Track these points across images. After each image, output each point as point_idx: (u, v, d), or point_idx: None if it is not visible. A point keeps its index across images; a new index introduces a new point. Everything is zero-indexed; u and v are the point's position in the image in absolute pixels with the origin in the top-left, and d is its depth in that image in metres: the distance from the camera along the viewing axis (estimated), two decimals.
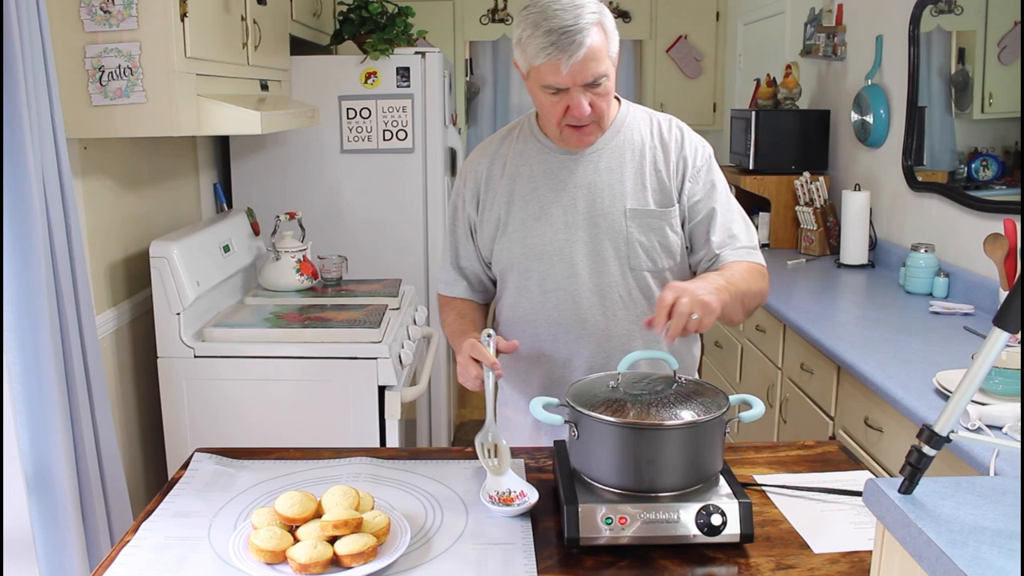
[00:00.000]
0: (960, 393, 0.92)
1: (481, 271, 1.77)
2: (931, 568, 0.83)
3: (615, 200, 1.63)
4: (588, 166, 1.64)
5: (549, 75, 1.49)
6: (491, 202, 1.69)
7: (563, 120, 1.56)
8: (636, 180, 1.63)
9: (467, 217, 1.73)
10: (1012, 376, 1.75)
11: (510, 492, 1.41)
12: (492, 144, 1.74)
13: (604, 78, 1.51)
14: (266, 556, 1.20)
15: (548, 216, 1.64)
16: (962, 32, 2.91)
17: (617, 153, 1.65)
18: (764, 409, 1.37)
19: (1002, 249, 2.38)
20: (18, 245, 1.77)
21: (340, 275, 2.93)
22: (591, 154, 1.65)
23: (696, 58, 5.50)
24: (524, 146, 1.69)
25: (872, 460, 2.09)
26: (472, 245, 1.75)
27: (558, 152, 1.66)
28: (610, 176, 1.64)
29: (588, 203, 1.63)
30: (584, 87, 1.51)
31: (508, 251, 1.68)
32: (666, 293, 1.38)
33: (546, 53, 1.46)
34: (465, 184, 1.73)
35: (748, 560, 1.24)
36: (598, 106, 1.55)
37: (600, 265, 1.63)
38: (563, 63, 1.46)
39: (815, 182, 3.59)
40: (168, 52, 2.10)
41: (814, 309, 2.68)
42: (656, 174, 1.64)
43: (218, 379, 2.37)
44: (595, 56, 1.48)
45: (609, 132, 1.65)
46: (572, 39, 1.45)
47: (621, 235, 1.62)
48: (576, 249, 1.63)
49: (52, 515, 1.87)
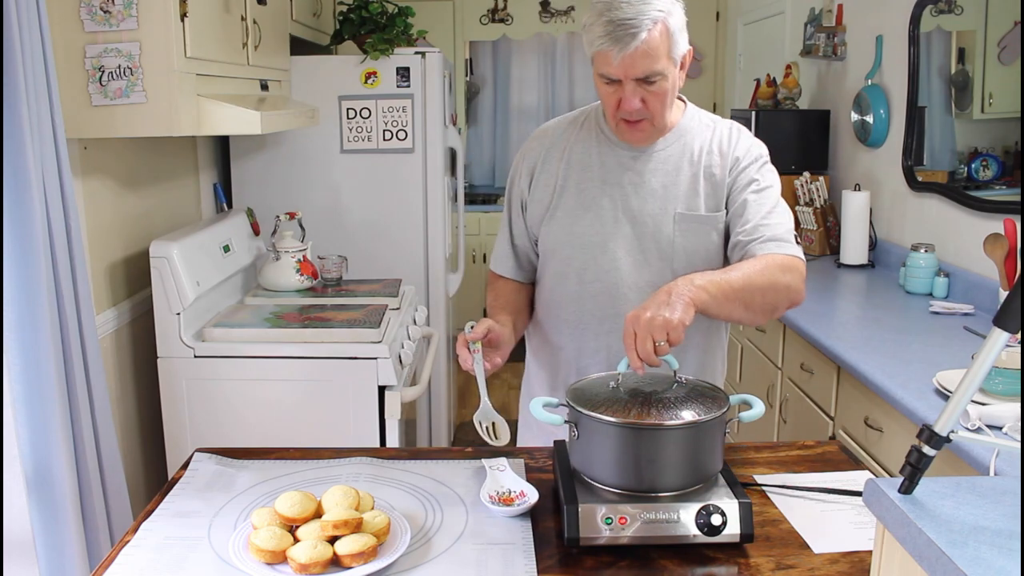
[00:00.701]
0: (960, 393, 0.92)
1: (531, 249, 1.78)
2: (931, 568, 0.83)
3: (666, 203, 1.63)
4: (645, 165, 1.65)
5: (602, 64, 1.53)
6: (544, 182, 1.70)
7: (617, 113, 1.58)
8: (690, 187, 1.64)
9: (520, 193, 1.75)
10: (1012, 376, 1.75)
11: (510, 492, 1.41)
12: (557, 127, 1.76)
13: (659, 77, 1.52)
14: (266, 556, 1.20)
15: (597, 207, 1.65)
16: (962, 32, 2.91)
17: (675, 157, 1.65)
18: (764, 409, 1.37)
19: (1002, 249, 2.38)
20: (18, 245, 1.77)
21: (340, 275, 2.93)
22: (650, 154, 1.65)
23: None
24: (587, 134, 1.70)
25: (872, 460, 2.09)
26: (523, 222, 1.76)
27: (618, 147, 1.67)
28: (665, 178, 1.64)
29: (639, 202, 1.64)
30: (636, 82, 1.52)
31: (553, 236, 1.69)
32: (626, 326, 1.36)
33: (601, 42, 1.49)
34: (523, 160, 1.75)
35: (748, 560, 1.24)
36: (651, 104, 1.55)
37: (642, 264, 1.64)
38: (614, 54, 1.48)
39: (815, 182, 3.59)
40: (168, 52, 2.10)
41: (814, 309, 2.68)
42: (710, 180, 1.64)
43: (218, 379, 2.37)
44: (649, 53, 1.48)
45: (671, 135, 1.66)
46: (627, 32, 1.46)
47: (667, 238, 1.63)
48: (619, 244, 1.64)
49: (52, 515, 1.87)
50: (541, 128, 1.79)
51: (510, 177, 1.79)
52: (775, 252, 1.55)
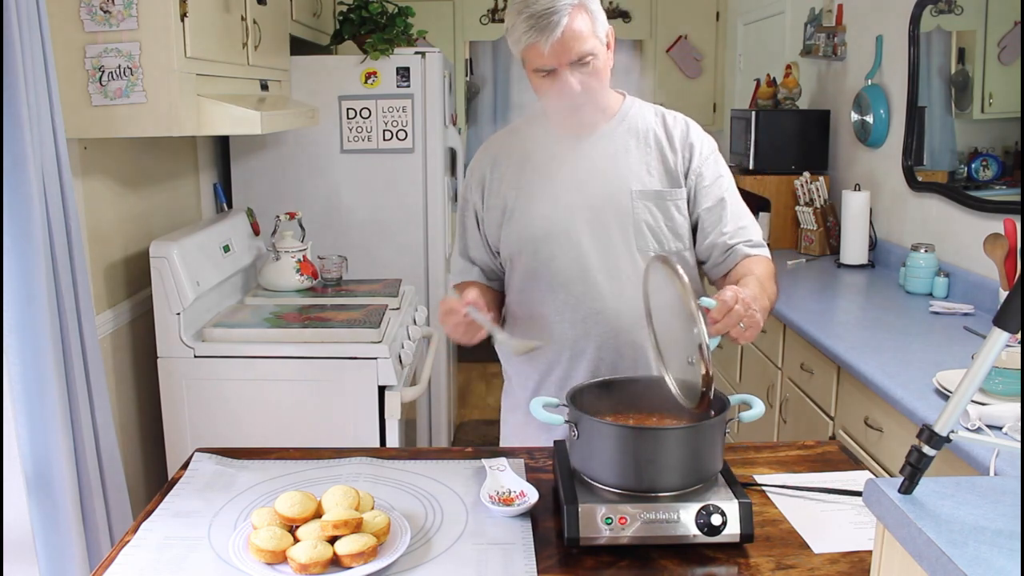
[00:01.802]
0: (960, 393, 0.92)
1: (490, 260, 1.78)
2: (931, 568, 0.83)
3: (621, 183, 1.65)
4: (594, 150, 1.67)
5: (534, 58, 1.56)
6: (496, 189, 1.72)
7: (558, 101, 1.59)
8: (641, 164, 1.67)
9: (474, 206, 1.76)
10: (1012, 376, 1.75)
11: (510, 492, 1.41)
12: (499, 138, 1.80)
13: (591, 56, 1.56)
14: (266, 556, 1.20)
15: (554, 198, 1.66)
16: (962, 32, 2.91)
17: (622, 139, 1.68)
18: (764, 409, 1.37)
19: (1002, 249, 2.38)
20: (18, 245, 1.77)
21: (340, 275, 2.93)
22: (596, 139, 1.68)
23: (696, 58, 5.50)
24: (529, 135, 1.72)
25: (872, 460, 2.09)
26: (479, 235, 1.77)
27: (563, 137, 1.68)
28: (615, 160, 1.67)
29: (594, 186, 1.66)
30: (571, 66, 1.55)
31: (515, 234, 1.70)
32: (727, 293, 1.37)
33: (527, 37, 1.53)
34: (472, 174, 1.77)
35: (748, 560, 1.24)
36: (588, 85, 1.58)
37: (608, 247, 1.65)
38: (542, 44, 1.52)
39: (815, 182, 3.59)
40: (168, 52, 2.10)
41: (814, 309, 2.68)
42: (662, 160, 1.68)
43: (218, 379, 2.37)
44: (576, 35, 1.53)
45: (614, 120, 1.69)
46: (549, 20, 1.50)
47: (628, 217, 1.64)
48: (581, 230, 1.65)
49: (52, 515, 1.87)
50: (490, 139, 1.81)
51: (461, 195, 1.80)
52: (762, 256, 1.67)
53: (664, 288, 1.36)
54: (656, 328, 1.43)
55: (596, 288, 1.65)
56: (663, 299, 1.38)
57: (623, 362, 1.67)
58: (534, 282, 1.70)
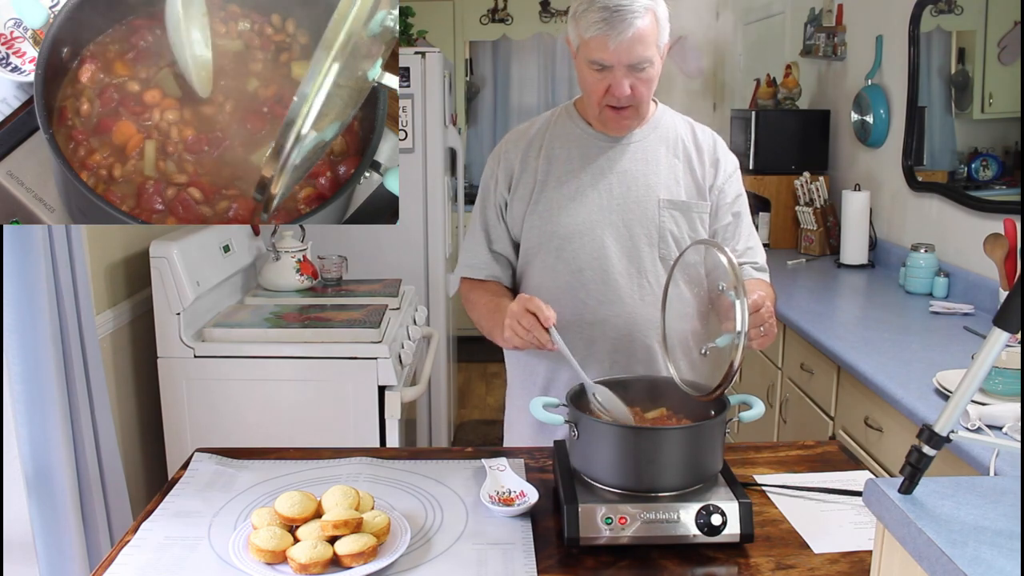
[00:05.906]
0: (960, 393, 0.92)
1: (512, 254, 1.76)
2: (931, 568, 0.83)
3: (649, 190, 1.66)
4: (625, 155, 1.68)
5: (597, 50, 1.54)
6: (525, 181, 1.70)
7: (603, 100, 1.59)
8: (670, 173, 1.68)
9: (498, 197, 1.73)
10: (1012, 376, 1.75)
11: (510, 492, 1.41)
12: (529, 129, 1.77)
13: (648, 64, 1.56)
14: (266, 556, 1.20)
15: (582, 197, 1.66)
16: (962, 32, 2.91)
17: (653, 146, 1.69)
18: (764, 409, 1.37)
19: (1002, 249, 2.38)
20: (18, 245, 1.77)
21: (340, 275, 2.93)
22: (628, 144, 1.68)
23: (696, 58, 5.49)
24: (563, 130, 1.72)
25: (872, 460, 2.09)
26: (503, 227, 1.75)
27: (596, 138, 1.69)
28: (646, 167, 1.67)
29: (623, 190, 1.66)
30: (628, 68, 1.55)
31: (539, 229, 1.68)
32: (756, 295, 1.39)
33: (597, 27, 1.51)
34: (499, 165, 1.74)
35: (748, 560, 1.24)
36: (639, 91, 1.58)
37: (632, 251, 1.65)
38: (611, 39, 1.51)
39: (815, 182, 3.59)
40: None
41: (814, 309, 2.68)
42: (690, 171, 1.69)
43: (218, 379, 2.37)
44: (643, 39, 1.52)
45: (647, 126, 1.70)
46: (623, 18, 1.49)
47: (654, 224, 1.65)
48: (607, 233, 1.65)
49: (52, 515, 1.87)
50: (515, 130, 1.78)
51: (484, 183, 1.77)
52: (764, 281, 1.72)
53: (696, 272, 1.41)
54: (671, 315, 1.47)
55: (616, 291, 1.65)
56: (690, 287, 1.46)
57: (637, 367, 1.66)
58: (553, 278, 1.68)
